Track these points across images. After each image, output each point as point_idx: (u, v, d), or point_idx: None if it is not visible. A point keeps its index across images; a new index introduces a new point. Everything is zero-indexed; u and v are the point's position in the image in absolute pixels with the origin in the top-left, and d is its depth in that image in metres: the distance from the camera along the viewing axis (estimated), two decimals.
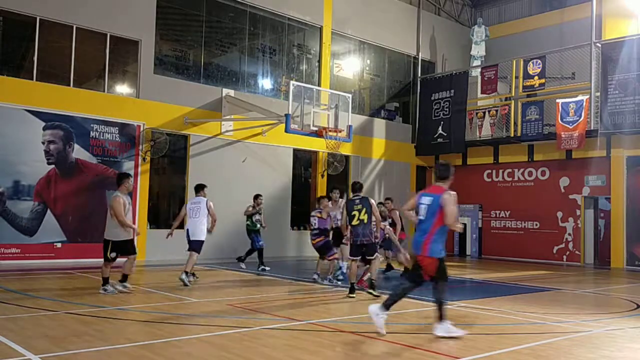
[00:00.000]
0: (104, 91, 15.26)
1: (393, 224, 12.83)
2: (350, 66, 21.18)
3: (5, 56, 14.08)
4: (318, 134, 15.25)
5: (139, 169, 15.47)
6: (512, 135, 19.59)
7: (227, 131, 17.06)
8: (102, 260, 9.26)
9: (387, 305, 6.66)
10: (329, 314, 7.89)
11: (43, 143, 14.04)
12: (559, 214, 19.03)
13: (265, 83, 18.80)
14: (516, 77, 19.37)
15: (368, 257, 9.71)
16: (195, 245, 10.95)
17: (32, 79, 14.04)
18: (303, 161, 19.62)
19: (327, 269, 11.48)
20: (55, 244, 14.06)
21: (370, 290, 9.58)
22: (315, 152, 19.32)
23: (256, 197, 13.99)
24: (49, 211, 14.04)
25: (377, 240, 9.85)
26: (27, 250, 13.66)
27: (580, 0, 20.54)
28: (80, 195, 14.50)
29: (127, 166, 15.27)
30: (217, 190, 16.69)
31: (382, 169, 21.26)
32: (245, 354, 5.55)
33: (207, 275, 12.56)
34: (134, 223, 9.75)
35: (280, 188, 18.12)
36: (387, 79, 22.30)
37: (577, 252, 18.74)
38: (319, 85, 18.85)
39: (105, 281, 9.24)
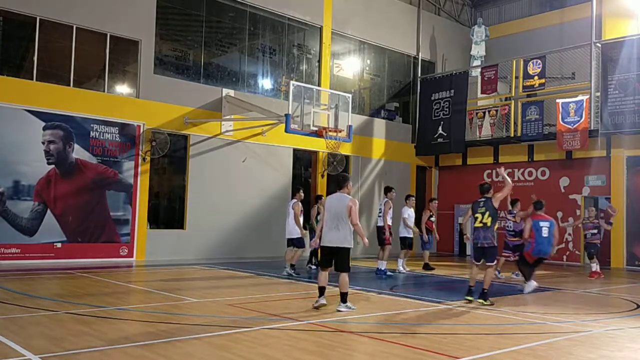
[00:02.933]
0: (104, 91, 15.26)
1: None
2: (350, 66, 21.18)
3: (5, 56, 14.08)
4: (318, 134, 15.25)
5: (139, 169, 15.47)
6: (512, 135, 19.59)
7: (227, 131, 17.06)
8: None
9: None
10: (329, 314, 7.89)
11: (43, 143, 14.04)
12: (559, 214, 19.01)
13: (265, 83, 18.80)
14: (516, 77, 19.37)
15: (487, 263, 9.40)
16: (289, 242, 12.78)
17: (32, 79, 14.04)
18: (303, 161, 19.62)
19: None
20: (55, 244, 14.06)
21: (480, 300, 9.12)
22: (315, 152, 19.31)
23: (319, 197, 14.38)
24: (49, 211, 14.04)
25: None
26: (27, 250, 13.66)
27: (580, 0, 20.54)
28: (80, 195, 14.50)
29: (127, 166, 15.28)
30: (217, 190, 16.74)
31: (382, 169, 21.25)
32: (245, 354, 5.55)
33: (208, 275, 12.56)
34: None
35: (280, 188, 18.12)
36: (387, 79, 22.30)
37: (577, 252, 18.74)
38: (319, 85, 18.85)
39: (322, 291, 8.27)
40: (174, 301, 8.78)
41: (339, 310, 8.04)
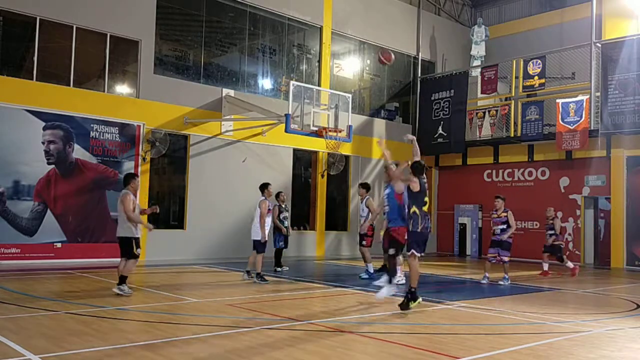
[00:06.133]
0: (104, 91, 15.26)
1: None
2: (350, 66, 21.18)
3: (5, 56, 14.07)
4: (318, 134, 15.24)
5: (139, 169, 15.46)
6: (512, 135, 19.59)
7: (227, 131, 17.06)
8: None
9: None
10: (329, 314, 7.89)
11: (43, 143, 14.03)
12: (559, 214, 19.00)
13: (265, 83, 18.80)
14: (516, 77, 19.38)
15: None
16: (254, 245, 11.40)
17: (32, 79, 14.03)
18: (303, 161, 19.62)
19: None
20: (55, 244, 14.06)
21: None
22: (315, 152, 19.32)
23: (278, 194, 13.65)
24: (49, 211, 14.03)
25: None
26: (27, 250, 13.65)
27: (581, 0, 20.54)
28: (80, 195, 14.50)
29: (127, 166, 15.27)
30: (217, 190, 16.74)
31: (382, 168, 21.22)
32: (246, 354, 5.55)
33: (207, 275, 12.56)
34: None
35: (280, 188, 18.03)
36: (387, 79, 22.30)
37: (577, 252, 18.73)
38: (319, 85, 18.85)
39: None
40: (174, 301, 8.78)
41: (114, 291, 8.90)
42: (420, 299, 8.16)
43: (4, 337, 5.90)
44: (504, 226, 12.36)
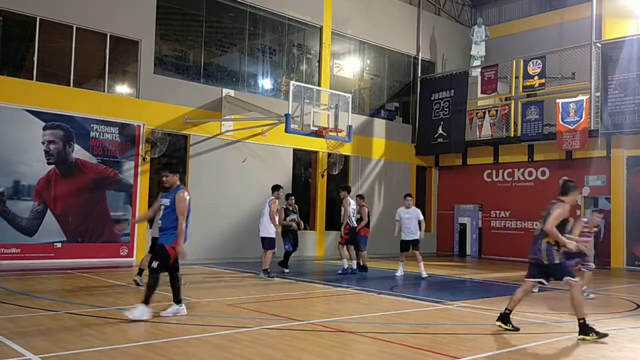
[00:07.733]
0: (104, 91, 15.26)
1: (361, 220, 13.89)
2: (350, 66, 21.18)
3: (5, 56, 14.07)
4: (318, 134, 15.25)
5: (139, 169, 15.47)
6: (512, 135, 19.59)
7: (227, 131, 17.06)
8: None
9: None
10: (329, 314, 7.89)
11: (43, 143, 14.03)
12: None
13: (265, 83, 18.79)
14: (516, 77, 19.38)
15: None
16: (262, 243, 12.03)
17: (32, 79, 14.03)
18: (303, 161, 19.62)
19: None
20: (55, 244, 14.06)
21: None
22: (315, 152, 19.32)
23: (287, 196, 13.78)
24: (49, 211, 14.03)
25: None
26: (27, 250, 13.65)
27: (581, 0, 20.54)
28: (80, 195, 14.50)
29: (127, 166, 15.28)
30: (217, 190, 16.74)
31: (382, 169, 21.25)
32: (245, 354, 5.55)
33: (208, 275, 12.56)
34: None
35: None
36: (387, 79, 22.30)
37: None
38: (319, 85, 18.85)
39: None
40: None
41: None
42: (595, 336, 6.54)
43: (4, 337, 5.90)
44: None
